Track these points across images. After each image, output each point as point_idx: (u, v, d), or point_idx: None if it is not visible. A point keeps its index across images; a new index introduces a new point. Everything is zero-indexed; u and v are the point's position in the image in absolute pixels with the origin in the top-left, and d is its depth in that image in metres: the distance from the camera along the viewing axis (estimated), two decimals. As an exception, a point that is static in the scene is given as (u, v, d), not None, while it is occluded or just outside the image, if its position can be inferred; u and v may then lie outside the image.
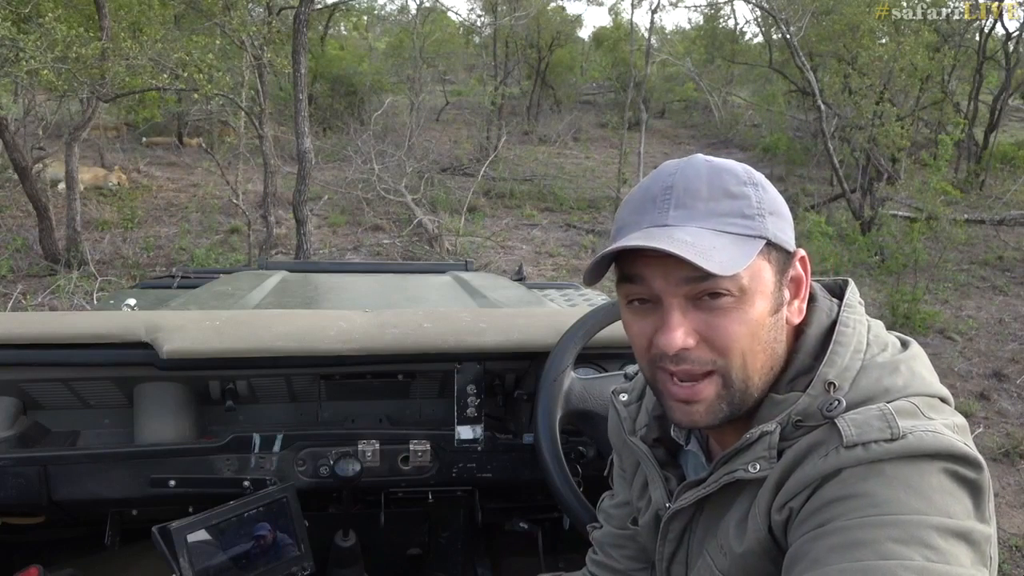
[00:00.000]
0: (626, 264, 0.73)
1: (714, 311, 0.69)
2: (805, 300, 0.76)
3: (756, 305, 0.70)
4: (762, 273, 0.70)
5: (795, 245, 0.75)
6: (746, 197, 0.71)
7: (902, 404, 0.67)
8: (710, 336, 0.70)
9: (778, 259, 0.72)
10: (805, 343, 0.74)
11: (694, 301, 0.70)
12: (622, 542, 1.02)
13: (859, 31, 9.10)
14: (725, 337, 0.69)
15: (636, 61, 11.91)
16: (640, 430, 0.90)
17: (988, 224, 9.64)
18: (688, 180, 0.72)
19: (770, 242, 0.71)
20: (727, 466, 0.74)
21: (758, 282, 0.70)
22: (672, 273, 0.69)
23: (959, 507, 0.62)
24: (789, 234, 0.74)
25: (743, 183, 0.72)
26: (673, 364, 0.71)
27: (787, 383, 0.73)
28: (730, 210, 0.70)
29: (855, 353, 0.72)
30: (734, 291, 0.68)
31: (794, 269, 0.74)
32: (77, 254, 6.67)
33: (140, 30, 7.14)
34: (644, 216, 0.72)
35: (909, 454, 0.63)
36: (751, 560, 0.72)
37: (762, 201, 0.72)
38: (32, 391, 1.40)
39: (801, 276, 0.75)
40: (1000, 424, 4.44)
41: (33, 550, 1.62)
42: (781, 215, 0.73)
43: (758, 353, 0.71)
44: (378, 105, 11.84)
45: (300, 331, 1.39)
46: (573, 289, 2.74)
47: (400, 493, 1.59)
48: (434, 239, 7.95)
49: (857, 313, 0.76)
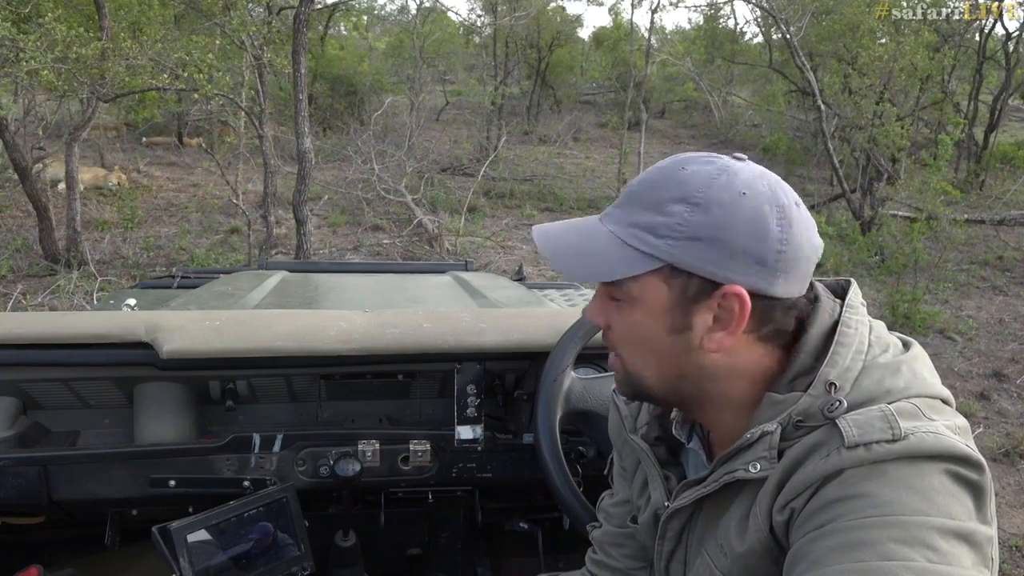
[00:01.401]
0: None
1: (616, 307, 0.77)
2: (735, 335, 0.71)
3: (641, 317, 0.74)
4: (654, 291, 0.72)
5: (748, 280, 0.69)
6: (670, 215, 0.69)
7: (904, 405, 0.67)
8: (611, 326, 0.79)
9: (685, 285, 0.70)
10: (807, 343, 0.73)
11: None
12: (622, 540, 1.02)
13: (859, 31, 9.10)
14: (616, 331, 0.78)
15: (636, 61, 11.92)
16: (641, 428, 0.90)
17: (988, 224, 9.64)
18: (651, 183, 0.73)
19: (674, 267, 0.70)
20: (727, 465, 0.74)
21: (648, 298, 0.73)
22: None
23: (961, 508, 0.62)
24: (727, 265, 0.69)
25: (683, 201, 0.69)
26: (606, 339, 0.81)
27: (787, 383, 0.73)
28: (647, 224, 0.71)
29: (856, 354, 0.71)
30: (623, 297, 0.75)
31: (715, 301, 0.70)
32: (77, 254, 6.67)
33: (140, 30, 7.14)
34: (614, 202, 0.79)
35: (911, 455, 0.63)
36: (752, 560, 0.72)
37: (688, 224, 0.69)
38: (32, 391, 1.40)
39: (730, 312, 0.70)
40: (1000, 424, 4.44)
41: (33, 550, 1.62)
42: (716, 243, 0.68)
43: (649, 360, 0.77)
44: (378, 105, 11.85)
45: (300, 331, 1.39)
46: (573, 289, 2.74)
47: (400, 493, 1.59)
48: (434, 239, 7.95)
49: (859, 314, 0.75)
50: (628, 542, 1.01)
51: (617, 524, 1.03)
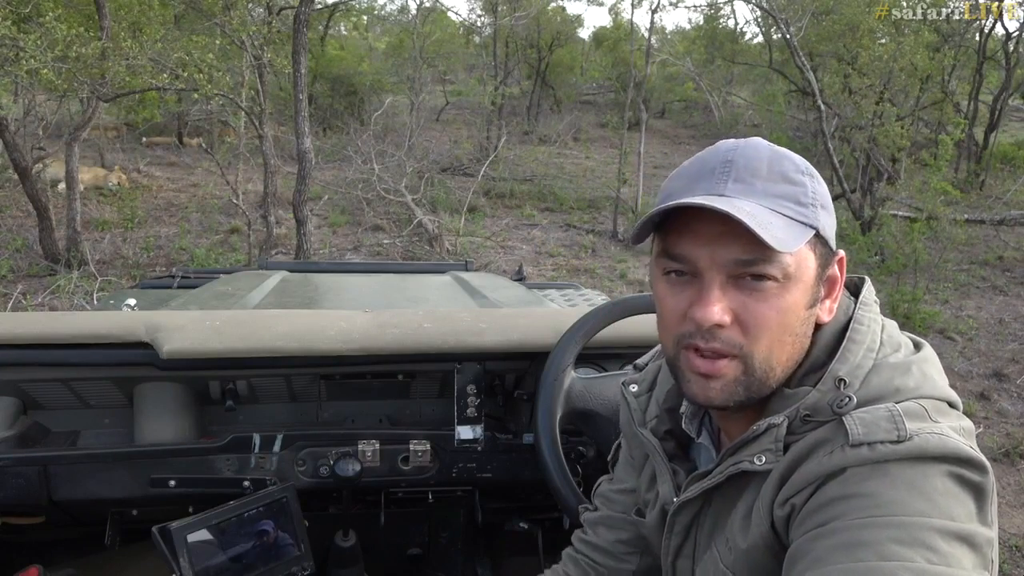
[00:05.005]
0: (671, 233, 0.71)
1: (753, 293, 0.68)
2: (836, 301, 0.75)
3: (795, 295, 0.69)
4: (807, 263, 0.70)
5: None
6: (803, 185, 0.71)
7: (911, 406, 0.67)
8: (744, 318, 0.69)
9: (822, 254, 0.72)
10: (820, 339, 0.74)
11: (735, 280, 0.69)
12: (619, 524, 1.01)
13: (859, 31, 9.09)
14: (759, 321, 0.68)
15: (636, 61, 11.89)
16: (650, 422, 0.90)
17: (988, 224, 9.64)
18: (749, 158, 0.71)
19: (819, 234, 0.71)
20: (733, 457, 0.74)
21: (802, 271, 0.69)
22: (721, 248, 0.68)
23: (962, 510, 0.62)
24: (833, 233, 0.74)
25: (801, 172, 0.72)
26: (703, 341, 0.70)
27: (799, 377, 0.73)
28: (787, 194, 0.70)
29: (868, 351, 0.72)
30: (778, 276, 0.68)
31: (832, 268, 0.74)
32: (77, 254, 6.67)
33: (140, 30, 7.14)
34: (699, 184, 0.71)
35: (914, 456, 0.63)
36: (755, 555, 0.72)
37: (816, 193, 0.72)
38: (32, 391, 1.39)
39: (837, 277, 0.75)
40: (1000, 424, 4.44)
41: (33, 550, 1.62)
42: (830, 212, 0.73)
43: (786, 344, 0.70)
44: (378, 105, 11.85)
45: (300, 331, 1.39)
46: (573, 289, 2.74)
47: (400, 493, 1.59)
48: (434, 239, 7.95)
49: (872, 312, 0.76)
50: (624, 527, 1.00)
51: (619, 510, 1.02)
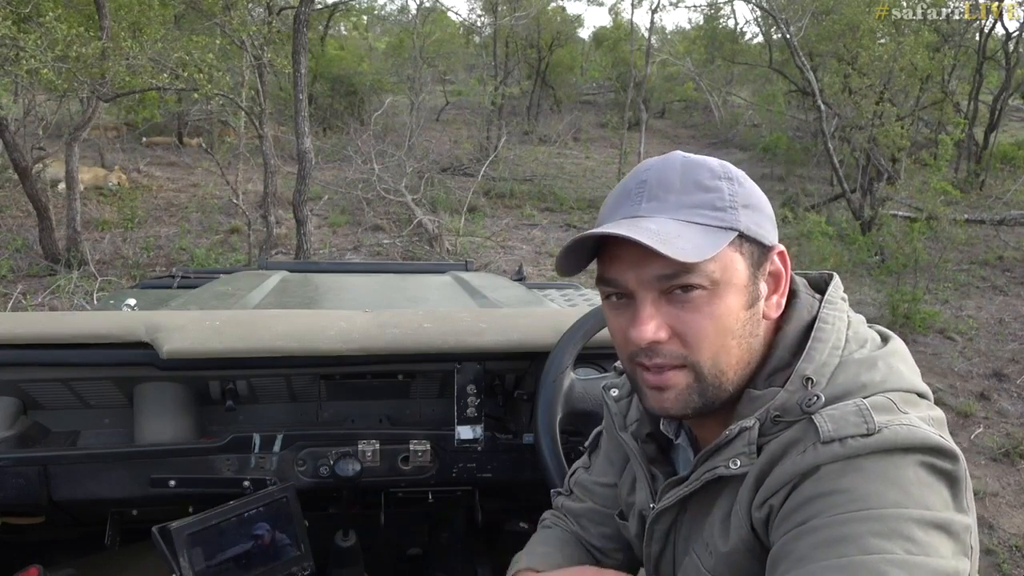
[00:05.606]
0: (603, 260, 0.74)
1: (685, 305, 0.70)
2: (784, 295, 0.76)
3: (728, 299, 0.70)
4: (734, 265, 0.71)
5: (777, 240, 0.76)
6: (718, 190, 0.72)
7: (878, 399, 0.68)
8: (681, 330, 0.70)
9: (752, 252, 0.72)
10: (784, 339, 0.74)
11: (667, 295, 0.70)
12: (603, 520, 1.01)
13: (859, 31, 9.09)
14: (696, 332, 0.70)
15: (636, 61, 11.91)
16: (631, 425, 0.90)
17: (988, 224, 9.64)
18: (662, 174, 0.73)
19: (743, 234, 0.71)
20: (708, 463, 0.75)
21: (731, 274, 0.70)
22: (643, 267, 0.70)
23: (937, 499, 0.63)
24: (767, 228, 0.74)
25: (717, 177, 0.73)
26: (647, 358, 0.72)
27: (765, 379, 0.74)
28: (701, 202, 0.71)
29: (833, 349, 0.72)
30: (705, 284, 0.69)
31: (772, 264, 0.75)
32: (77, 254, 6.67)
33: (140, 30, 7.14)
34: (620, 209, 0.74)
35: (885, 448, 0.64)
36: (736, 558, 0.72)
37: (735, 194, 0.72)
38: (32, 391, 1.39)
39: (780, 271, 0.75)
40: (1000, 424, 4.44)
41: (33, 550, 1.62)
42: (757, 209, 0.73)
43: (731, 348, 0.71)
44: (378, 105, 11.86)
45: (300, 331, 1.39)
46: (573, 289, 2.74)
47: (400, 493, 1.59)
48: (434, 239, 7.95)
49: (838, 309, 0.76)
50: (607, 523, 1.00)
51: (600, 503, 1.01)
